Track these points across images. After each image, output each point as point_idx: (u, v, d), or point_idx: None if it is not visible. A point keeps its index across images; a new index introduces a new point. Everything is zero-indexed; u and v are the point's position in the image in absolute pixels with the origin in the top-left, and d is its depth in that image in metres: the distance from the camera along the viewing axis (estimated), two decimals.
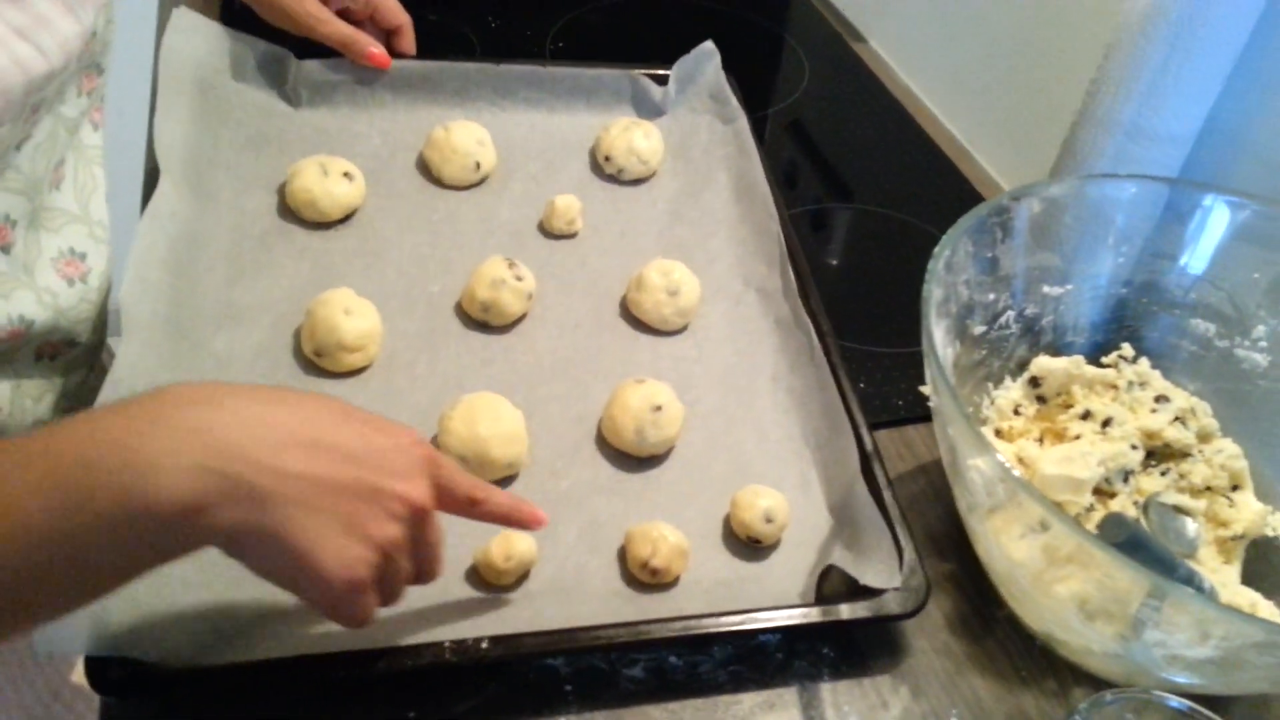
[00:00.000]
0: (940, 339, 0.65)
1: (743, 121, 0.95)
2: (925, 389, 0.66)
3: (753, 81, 1.06)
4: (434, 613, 0.62)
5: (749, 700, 0.63)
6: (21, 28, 0.54)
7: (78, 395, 0.75)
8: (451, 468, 0.54)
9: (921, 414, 0.81)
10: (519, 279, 0.79)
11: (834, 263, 0.98)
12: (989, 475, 0.59)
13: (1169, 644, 0.56)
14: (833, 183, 1.08)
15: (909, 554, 0.66)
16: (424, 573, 0.53)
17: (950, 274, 0.67)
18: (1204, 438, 0.73)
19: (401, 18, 0.92)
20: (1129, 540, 0.60)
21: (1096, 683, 0.65)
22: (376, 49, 0.89)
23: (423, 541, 0.51)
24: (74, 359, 0.72)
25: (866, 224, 1.03)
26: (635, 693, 0.62)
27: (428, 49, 0.94)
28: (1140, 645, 0.58)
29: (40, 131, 0.63)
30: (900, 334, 0.87)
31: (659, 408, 0.71)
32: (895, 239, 1.02)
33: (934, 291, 0.64)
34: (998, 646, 0.68)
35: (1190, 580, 0.61)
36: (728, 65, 0.98)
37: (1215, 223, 0.74)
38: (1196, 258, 0.75)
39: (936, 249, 0.66)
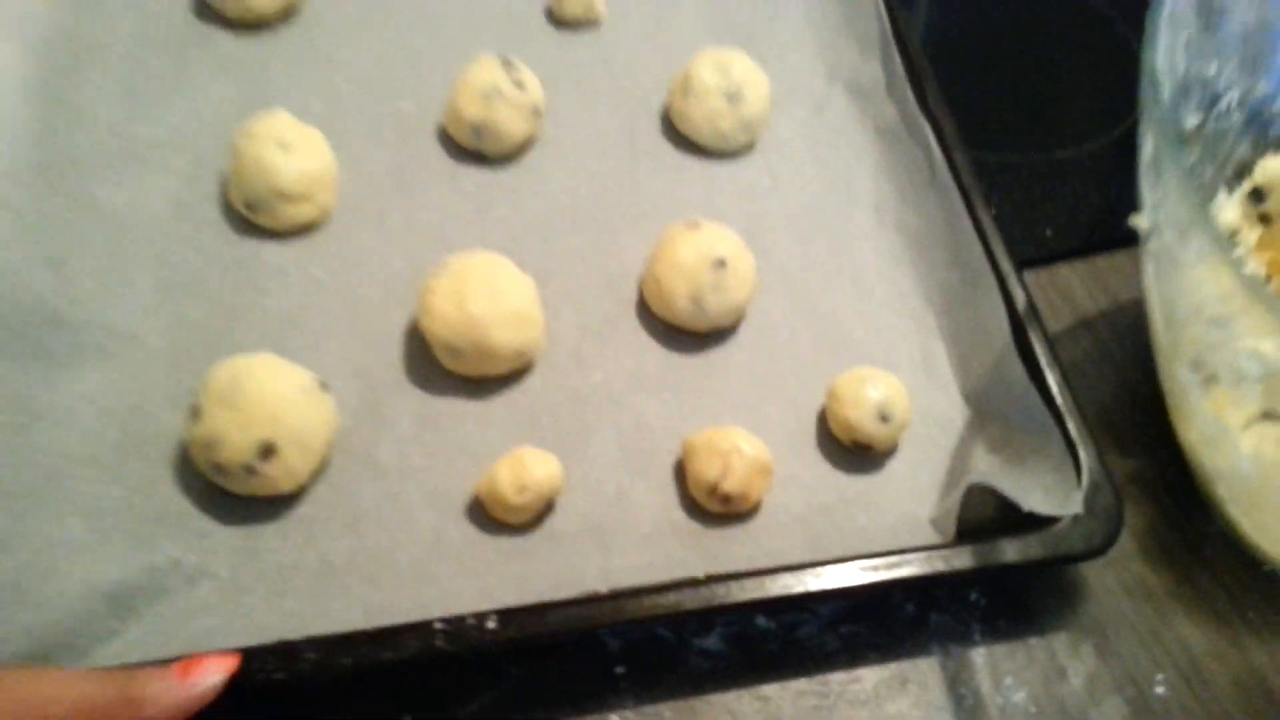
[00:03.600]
0: (1152, 142, 0.42)
1: None
2: (1137, 219, 0.45)
3: None
4: (420, 574, 0.44)
5: (871, 676, 0.45)
6: None
7: None
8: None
9: (1077, 247, 0.59)
10: (519, 86, 0.57)
11: (951, 38, 0.72)
12: (1271, 358, 0.38)
13: None
14: None
15: (1090, 461, 0.46)
16: None
17: (1172, 31, 0.43)
18: None
19: None
20: None
21: None
22: None
23: None
24: None
25: None
26: (712, 672, 0.45)
27: None
28: None
29: None
30: (1042, 134, 0.66)
31: (722, 262, 0.51)
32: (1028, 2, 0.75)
33: (1159, 53, 0.41)
34: (1212, 580, 0.49)
35: None
36: None
37: None
38: None
39: None
